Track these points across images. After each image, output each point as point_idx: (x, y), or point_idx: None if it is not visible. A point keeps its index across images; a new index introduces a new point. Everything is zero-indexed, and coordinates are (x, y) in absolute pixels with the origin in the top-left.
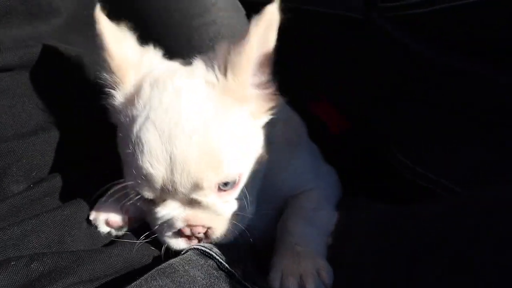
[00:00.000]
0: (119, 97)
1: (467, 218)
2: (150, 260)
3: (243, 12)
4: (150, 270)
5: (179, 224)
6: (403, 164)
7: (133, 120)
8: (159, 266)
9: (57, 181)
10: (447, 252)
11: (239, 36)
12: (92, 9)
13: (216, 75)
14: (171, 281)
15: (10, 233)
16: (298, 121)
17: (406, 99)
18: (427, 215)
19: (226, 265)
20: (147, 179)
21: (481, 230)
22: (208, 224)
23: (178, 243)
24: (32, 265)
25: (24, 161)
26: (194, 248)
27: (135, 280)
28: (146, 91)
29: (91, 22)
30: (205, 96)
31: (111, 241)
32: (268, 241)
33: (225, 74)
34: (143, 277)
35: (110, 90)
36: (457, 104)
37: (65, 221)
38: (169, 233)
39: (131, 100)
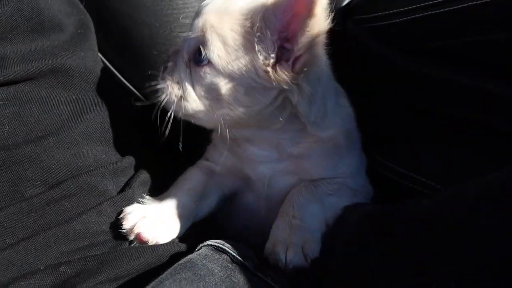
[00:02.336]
0: None
1: (449, 216)
2: (166, 260)
3: None
4: (169, 267)
5: None
6: (383, 166)
7: None
8: (179, 262)
9: (73, 184)
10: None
11: None
12: (89, 26)
13: None
14: (193, 274)
15: (34, 241)
16: (355, 136)
17: (383, 103)
18: (411, 212)
19: (239, 258)
20: None
21: (466, 225)
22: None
23: None
24: (61, 269)
25: (38, 165)
26: (208, 245)
27: (158, 275)
28: None
29: (88, 38)
30: None
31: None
32: None
33: None
34: (167, 272)
35: None
36: (431, 106)
37: (85, 230)
38: None
39: None
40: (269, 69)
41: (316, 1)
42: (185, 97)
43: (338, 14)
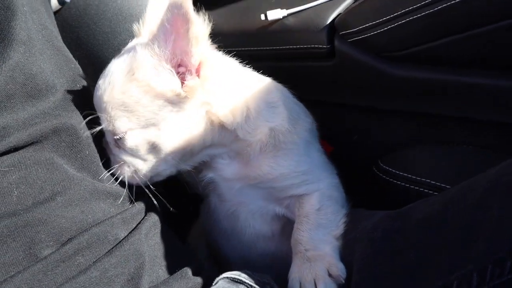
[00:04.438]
0: None
1: (458, 213)
2: None
3: None
4: None
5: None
6: (389, 173)
7: None
8: None
9: (84, 238)
10: (445, 247)
11: None
12: (81, 81)
13: None
14: None
15: None
16: (287, 127)
17: (381, 112)
18: (422, 213)
19: (257, 287)
20: None
21: (476, 223)
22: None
23: None
24: None
25: (49, 226)
26: (224, 277)
27: None
28: None
29: (83, 93)
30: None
31: None
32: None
33: None
34: None
35: None
36: (428, 109)
37: (101, 279)
38: None
39: None
40: (179, 90)
41: (188, 8)
42: (136, 169)
43: (324, 33)
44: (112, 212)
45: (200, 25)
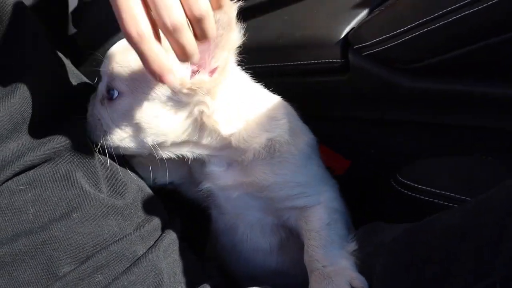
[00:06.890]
0: None
1: (482, 222)
2: None
3: None
4: None
5: None
6: (407, 186)
7: None
8: None
9: (102, 255)
10: (469, 258)
11: None
12: None
13: None
14: None
15: None
16: (286, 138)
17: (396, 125)
18: (444, 224)
19: None
20: None
21: (500, 229)
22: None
23: None
24: None
25: (66, 243)
26: None
27: None
28: None
29: None
30: None
31: None
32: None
33: None
34: None
35: None
36: (444, 120)
37: None
38: None
39: None
40: (187, 81)
41: (232, 14)
42: (108, 131)
43: (338, 47)
44: (128, 226)
45: (237, 35)
